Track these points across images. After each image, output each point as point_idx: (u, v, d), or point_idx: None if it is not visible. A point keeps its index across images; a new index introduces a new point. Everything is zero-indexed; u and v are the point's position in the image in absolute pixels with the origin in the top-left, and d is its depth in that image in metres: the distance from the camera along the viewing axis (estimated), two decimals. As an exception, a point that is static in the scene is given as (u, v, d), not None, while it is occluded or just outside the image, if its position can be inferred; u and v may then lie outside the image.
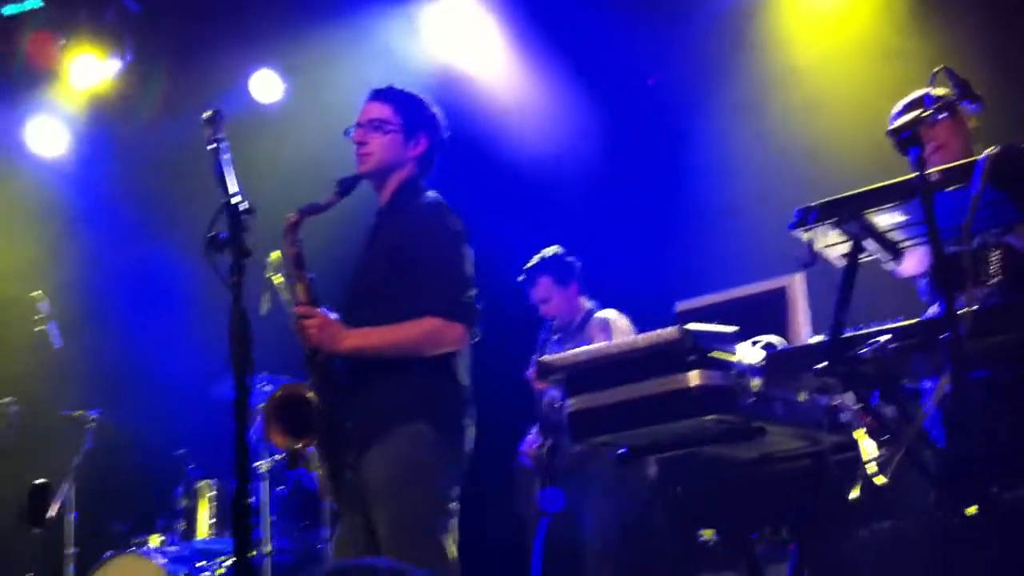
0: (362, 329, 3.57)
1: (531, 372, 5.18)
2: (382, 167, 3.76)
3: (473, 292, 3.64)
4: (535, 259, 5.48)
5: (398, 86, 3.90)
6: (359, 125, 3.79)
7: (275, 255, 5.33)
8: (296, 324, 3.55)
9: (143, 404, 6.87)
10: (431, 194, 3.81)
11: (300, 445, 3.46)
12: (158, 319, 7.01)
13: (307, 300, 3.59)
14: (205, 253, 3.51)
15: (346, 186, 3.70)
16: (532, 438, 5.35)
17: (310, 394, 3.50)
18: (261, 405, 3.80)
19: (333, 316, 3.61)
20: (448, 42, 6.74)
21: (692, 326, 3.06)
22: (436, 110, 3.89)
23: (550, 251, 5.47)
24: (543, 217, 6.36)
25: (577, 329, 5.36)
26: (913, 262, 3.35)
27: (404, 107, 3.80)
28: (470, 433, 3.66)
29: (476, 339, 3.67)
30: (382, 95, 3.83)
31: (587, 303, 5.47)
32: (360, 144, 3.76)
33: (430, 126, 3.83)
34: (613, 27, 6.48)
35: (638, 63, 6.82)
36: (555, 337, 5.42)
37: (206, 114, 3.53)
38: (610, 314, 5.33)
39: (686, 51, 6.71)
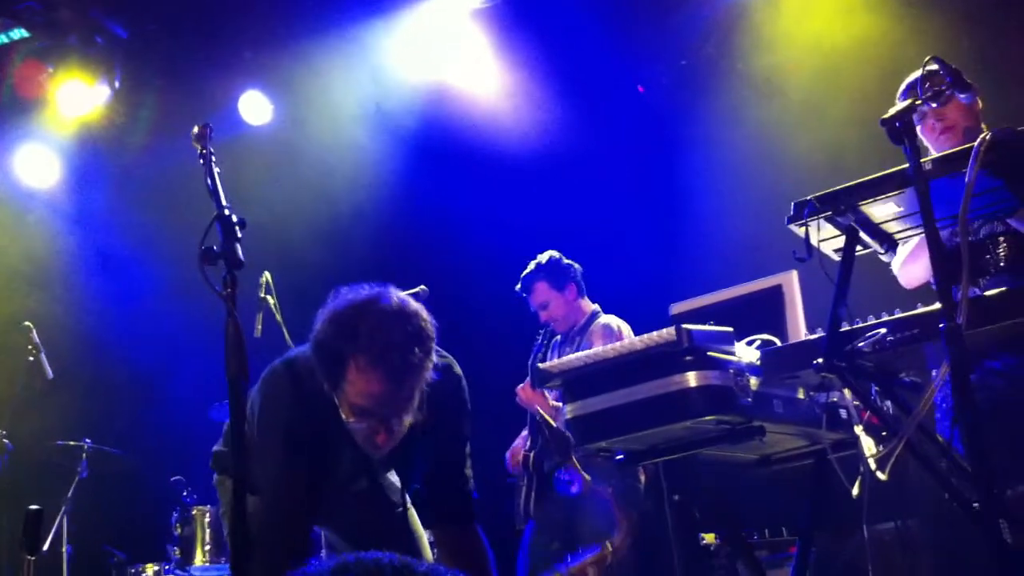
0: None
1: (520, 389, 5.15)
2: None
3: None
4: (530, 266, 5.44)
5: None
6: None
7: (266, 276, 5.31)
8: None
9: (137, 431, 6.82)
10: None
11: None
12: (152, 345, 6.96)
13: None
14: (198, 265, 3.50)
15: None
16: (519, 443, 5.32)
17: None
18: None
19: None
20: (437, 55, 6.74)
21: (688, 326, 3.02)
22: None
23: (544, 256, 5.42)
24: (537, 223, 6.34)
25: (579, 332, 5.30)
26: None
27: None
28: None
29: None
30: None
31: (590, 306, 5.40)
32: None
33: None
34: (603, 36, 6.49)
35: (629, 70, 6.85)
36: (556, 339, 5.36)
37: (195, 128, 3.53)
38: (612, 320, 5.28)
39: (676, 57, 6.74)
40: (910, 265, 3.67)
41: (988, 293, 2.81)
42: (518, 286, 5.44)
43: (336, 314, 2.91)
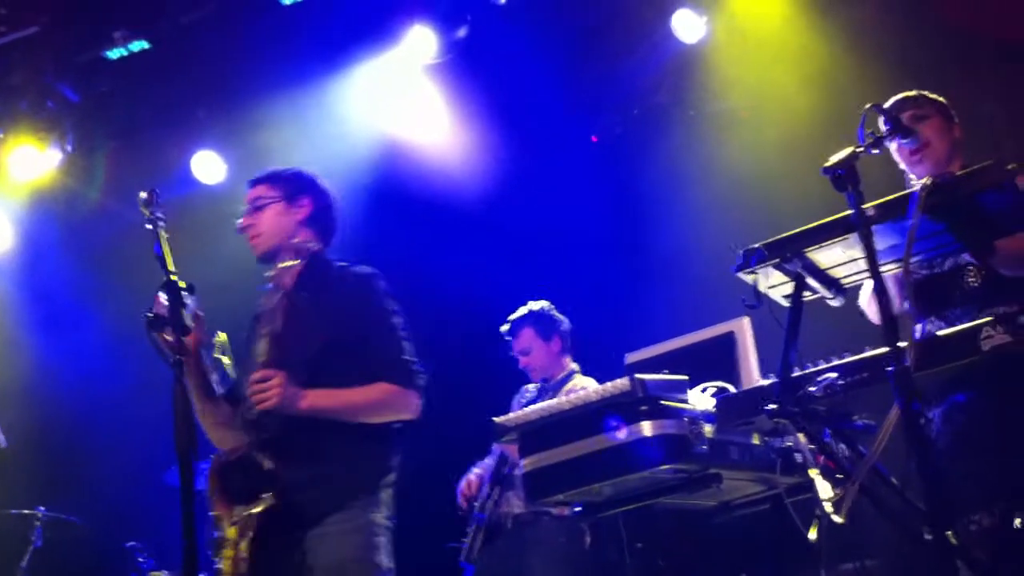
0: (319, 390, 3.42)
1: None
2: (273, 241, 3.67)
3: (415, 359, 3.58)
4: (521, 310, 5.47)
5: (276, 168, 3.88)
6: (243, 214, 3.76)
7: (222, 336, 5.27)
8: (255, 384, 3.34)
9: (91, 498, 6.70)
10: (349, 265, 3.74)
11: (250, 511, 3.30)
12: (104, 408, 6.87)
13: (268, 357, 3.41)
14: (146, 332, 3.47)
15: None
16: (475, 481, 5.30)
17: (264, 459, 3.33)
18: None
19: None
20: (390, 110, 6.78)
21: (642, 376, 3.04)
22: (319, 178, 3.86)
23: (536, 304, 5.47)
24: (493, 274, 6.36)
25: (554, 388, 5.30)
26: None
27: (279, 179, 3.79)
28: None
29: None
30: (256, 180, 3.82)
31: (570, 364, 5.43)
32: (246, 228, 3.71)
33: (311, 189, 3.79)
34: (556, 88, 6.55)
35: (582, 120, 6.92)
36: (531, 393, 5.37)
37: (143, 193, 3.51)
38: (590, 382, 5.30)
39: (629, 106, 6.82)
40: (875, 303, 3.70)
41: (940, 333, 2.85)
42: (505, 327, 5.47)
43: None
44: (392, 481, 3.52)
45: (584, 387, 5.22)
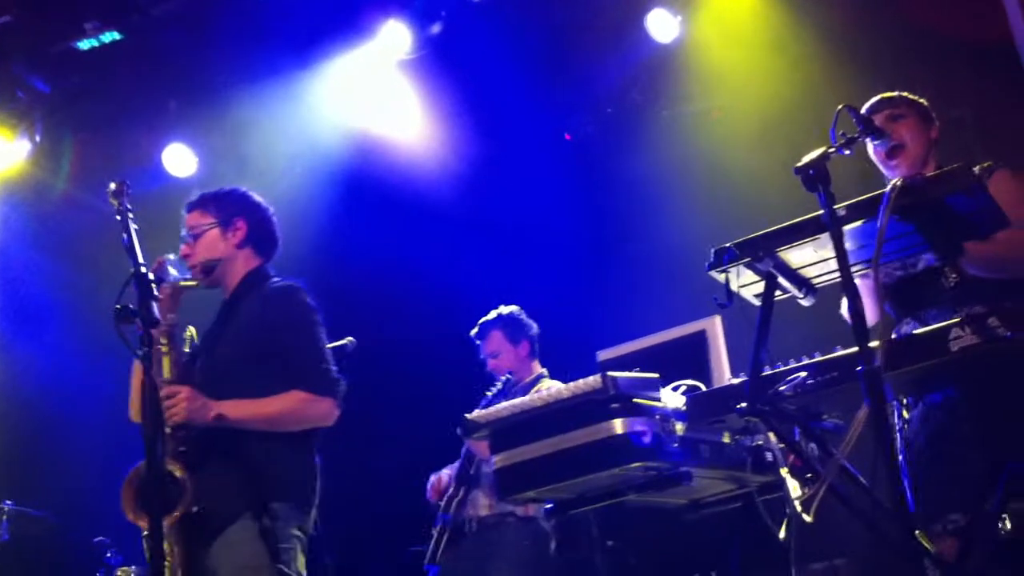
0: (231, 401, 3.51)
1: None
2: (210, 267, 3.76)
3: (335, 367, 3.65)
4: (491, 314, 5.51)
5: (211, 190, 3.93)
6: (182, 240, 3.84)
7: (191, 331, 5.23)
8: (163, 401, 3.41)
9: (58, 492, 6.64)
10: (281, 279, 3.83)
11: (164, 523, 3.31)
12: (73, 401, 6.80)
13: (174, 374, 3.52)
14: (115, 324, 3.45)
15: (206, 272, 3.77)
16: (445, 478, 5.30)
17: (176, 468, 3.38)
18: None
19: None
20: (364, 105, 6.75)
21: (614, 373, 3.04)
22: (253, 195, 3.93)
23: (506, 309, 5.52)
24: (465, 270, 6.36)
25: (521, 391, 5.31)
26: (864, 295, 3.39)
27: (212, 204, 3.85)
28: (314, 514, 3.63)
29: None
30: (191, 206, 3.88)
31: (538, 368, 5.48)
32: (186, 258, 3.78)
33: (244, 209, 3.86)
34: (529, 86, 6.55)
35: (556, 118, 6.92)
36: (495, 391, 5.38)
37: (112, 184, 3.51)
38: (556, 385, 5.31)
39: (602, 104, 6.82)
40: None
41: (917, 332, 2.86)
42: (474, 331, 5.51)
43: None
44: (311, 490, 3.60)
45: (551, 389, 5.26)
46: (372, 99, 6.75)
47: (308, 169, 6.85)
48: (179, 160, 6.94)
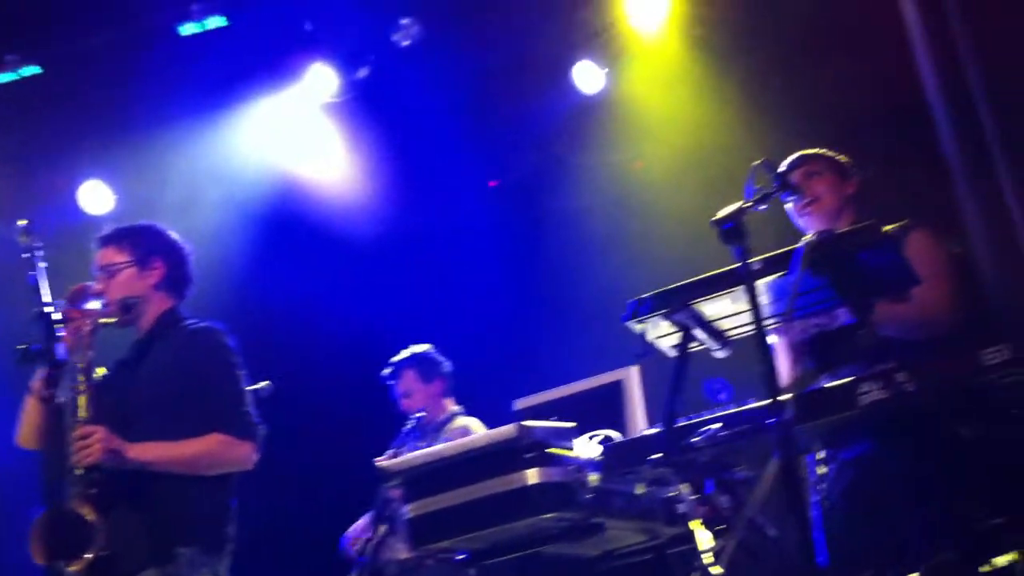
0: (147, 443, 3.44)
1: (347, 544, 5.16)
2: (129, 305, 3.69)
3: (254, 411, 3.62)
4: (403, 353, 5.48)
5: (126, 224, 3.88)
6: (94, 276, 3.77)
7: (101, 371, 5.11)
8: (77, 441, 3.33)
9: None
10: (198, 321, 3.78)
11: (74, 567, 3.22)
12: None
13: (89, 413, 3.43)
14: (17, 365, 3.38)
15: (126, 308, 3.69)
16: (361, 525, 5.23)
17: (87, 512, 3.29)
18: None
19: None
20: (288, 146, 6.71)
21: (529, 423, 3.03)
22: (170, 234, 3.88)
23: (419, 347, 5.51)
24: (388, 314, 6.31)
25: (435, 429, 5.29)
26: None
27: (128, 240, 3.78)
28: (229, 560, 3.57)
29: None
30: (105, 240, 3.81)
31: (452, 406, 5.45)
32: (100, 295, 3.69)
33: (162, 249, 3.81)
34: (457, 132, 6.57)
35: (483, 164, 6.94)
36: (411, 426, 5.33)
37: (21, 222, 3.45)
38: (471, 422, 5.30)
39: (529, 152, 6.86)
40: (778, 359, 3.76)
41: (827, 385, 2.90)
42: (387, 370, 5.47)
43: None
44: (227, 533, 3.54)
45: (465, 426, 5.24)
46: (296, 141, 6.72)
47: (229, 209, 6.77)
48: (96, 197, 6.81)
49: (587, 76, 6.39)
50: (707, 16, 6.06)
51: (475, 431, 5.20)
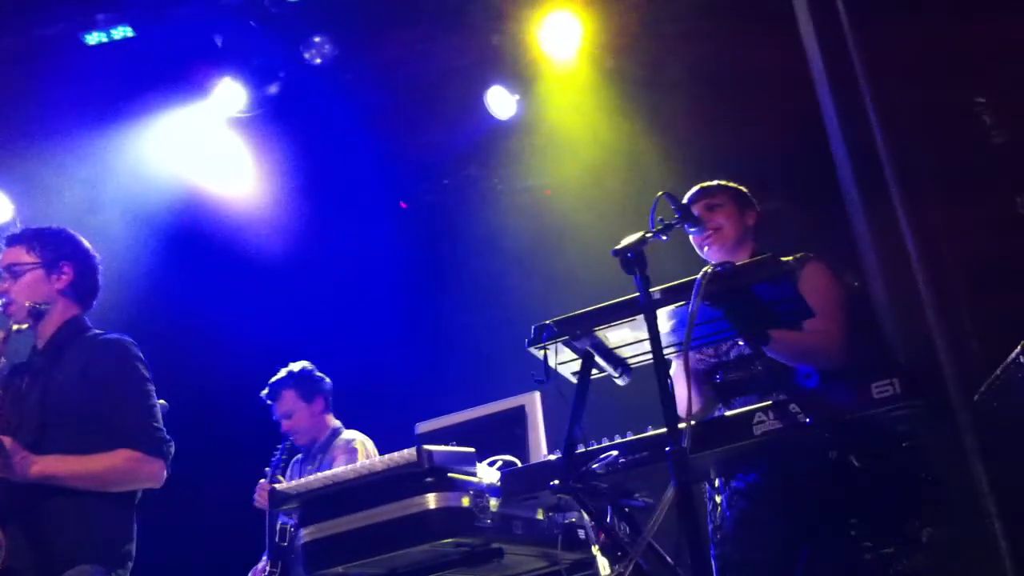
0: (52, 456, 3.34)
1: (258, 494, 4.99)
2: (39, 311, 3.58)
3: (164, 428, 3.55)
4: (281, 373, 5.33)
5: (37, 226, 3.76)
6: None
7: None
8: None
9: None
10: (104, 332, 3.68)
11: None
12: None
13: None
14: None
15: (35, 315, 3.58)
16: (262, 566, 5.11)
17: None
18: None
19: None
20: (192, 159, 6.61)
21: (430, 447, 3.01)
22: (82, 240, 3.78)
23: (297, 366, 5.34)
24: (290, 333, 6.24)
25: (320, 449, 5.20)
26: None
27: (38, 243, 3.67)
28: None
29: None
30: (13, 240, 3.70)
31: (334, 422, 5.33)
32: (2, 296, 3.58)
33: (73, 255, 3.70)
34: (368, 152, 6.55)
35: (393, 186, 6.92)
36: (297, 457, 5.25)
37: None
38: (355, 435, 5.22)
39: (440, 175, 6.86)
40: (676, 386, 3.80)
41: (724, 415, 2.95)
42: (265, 391, 5.33)
43: None
44: (128, 551, 3.47)
45: (353, 439, 5.17)
46: (203, 155, 6.61)
47: (132, 221, 6.63)
48: (-6, 207, 6.61)
49: (499, 102, 6.42)
50: (618, 46, 6.14)
51: (359, 442, 5.14)
